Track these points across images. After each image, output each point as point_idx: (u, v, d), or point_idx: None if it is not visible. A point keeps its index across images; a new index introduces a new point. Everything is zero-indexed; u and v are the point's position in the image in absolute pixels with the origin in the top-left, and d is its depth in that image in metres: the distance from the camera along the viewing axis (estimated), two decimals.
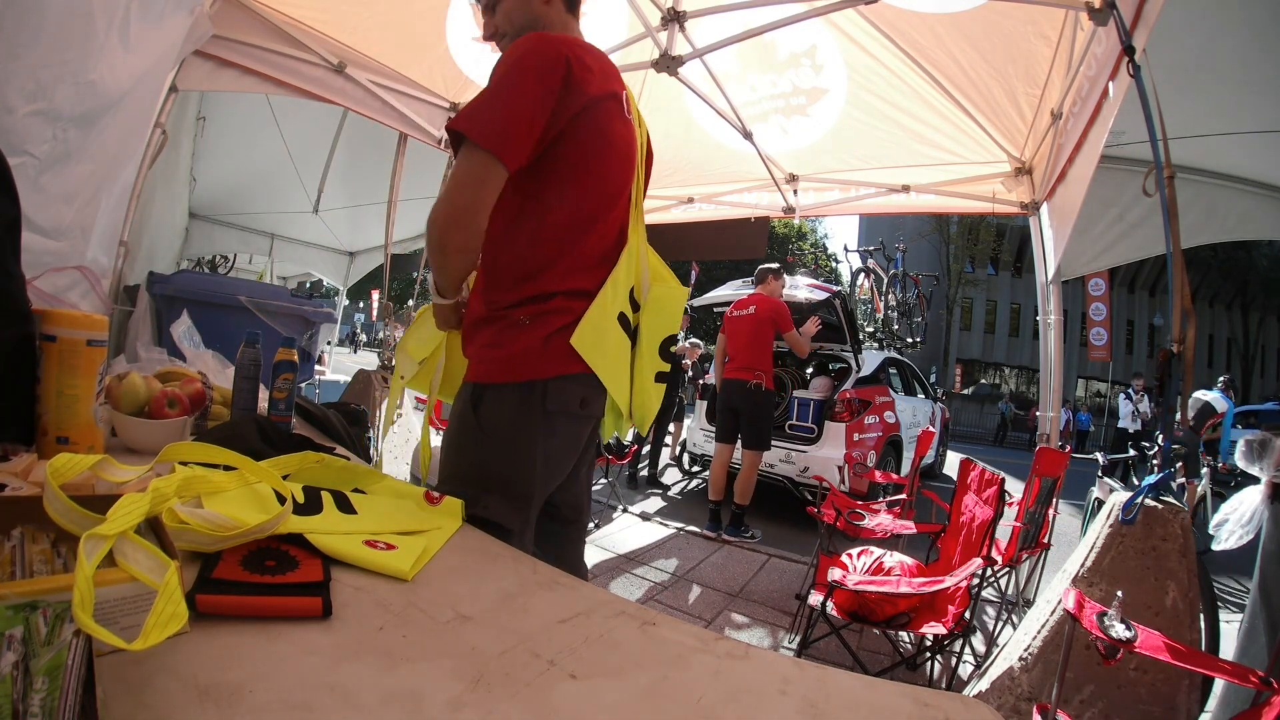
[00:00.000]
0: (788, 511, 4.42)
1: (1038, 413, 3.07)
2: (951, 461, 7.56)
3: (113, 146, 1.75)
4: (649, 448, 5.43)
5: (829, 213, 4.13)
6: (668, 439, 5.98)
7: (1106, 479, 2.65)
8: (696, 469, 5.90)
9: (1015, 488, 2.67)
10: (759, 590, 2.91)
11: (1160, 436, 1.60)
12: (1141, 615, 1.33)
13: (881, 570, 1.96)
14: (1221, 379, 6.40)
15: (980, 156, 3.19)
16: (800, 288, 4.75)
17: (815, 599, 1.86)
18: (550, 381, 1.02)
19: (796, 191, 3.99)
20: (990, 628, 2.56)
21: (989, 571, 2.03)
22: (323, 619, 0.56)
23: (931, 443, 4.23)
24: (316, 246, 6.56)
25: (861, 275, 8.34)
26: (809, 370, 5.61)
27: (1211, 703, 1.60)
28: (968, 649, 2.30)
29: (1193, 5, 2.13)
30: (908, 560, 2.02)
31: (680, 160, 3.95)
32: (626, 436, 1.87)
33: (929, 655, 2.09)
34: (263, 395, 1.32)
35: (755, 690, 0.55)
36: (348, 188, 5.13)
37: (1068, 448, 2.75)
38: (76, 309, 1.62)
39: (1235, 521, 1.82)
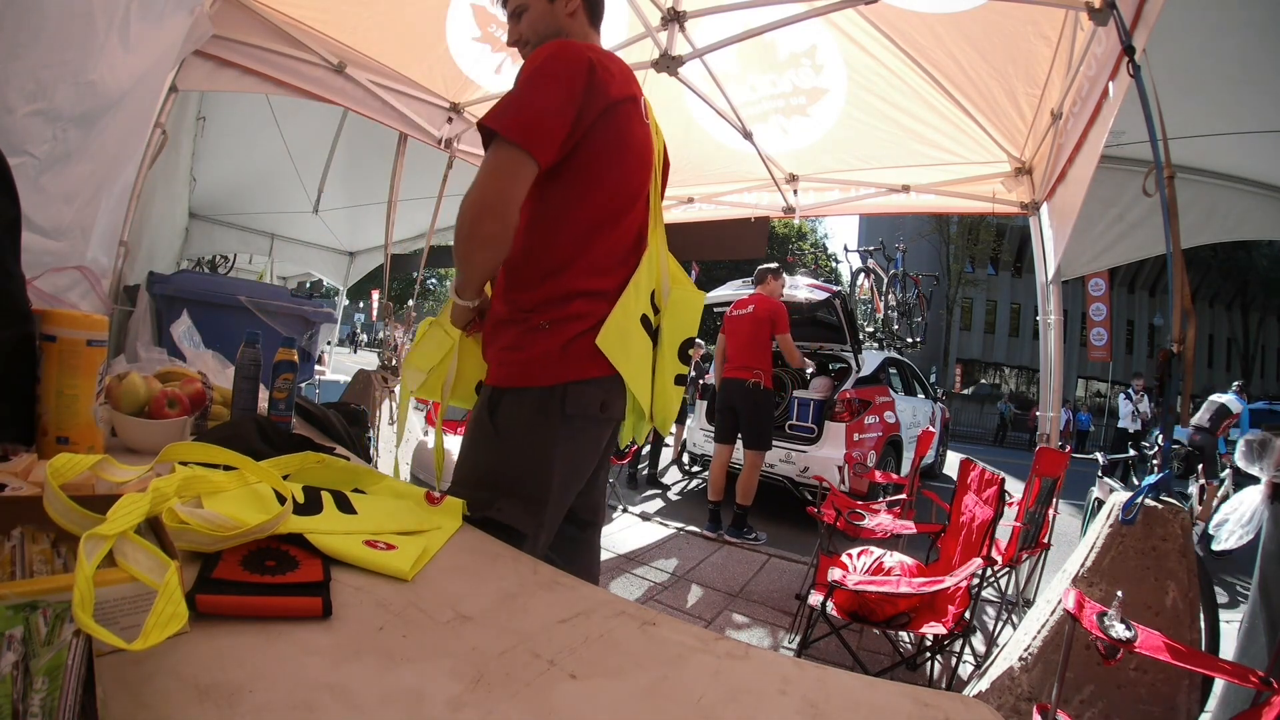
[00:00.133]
0: (788, 511, 4.42)
1: (1038, 413, 3.07)
2: (951, 461, 7.56)
3: (113, 146, 1.75)
4: (649, 448, 5.43)
5: (829, 213, 4.13)
6: (668, 439, 5.97)
7: (1106, 479, 2.65)
8: (696, 469, 5.89)
9: (1015, 488, 2.67)
10: (759, 590, 2.91)
11: (1160, 436, 1.60)
12: (1141, 615, 1.33)
13: (881, 570, 1.96)
14: (1236, 384, 6.81)
15: (980, 156, 3.18)
16: (800, 288, 4.75)
17: (815, 599, 1.86)
18: (570, 385, 1.03)
19: (796, 191, 3.99)
20: (990, 628, 2.56)
21: (989, 571, 2.03)
22: (323, 619, 0.56)
23: (931, 443, 4.23)
24: (316, 246, 6.56)
25: (861, 275, 8.34)
26: (809, 370, 5.60)
27: (1211, 703, 1.60)
28: (968, 649, 2.29)
29: (1193, 5, 2.13)
30: (908, 560, 2.02)
31: (680, 160, 3.94)
32: (645, 439, 1.88)
33: (929, 655, 2.08)
34: (263, 395, 1.32)
35: (755, 690, 0.55)
36: (348, 188, 5.12)
37: (1068, 448, 2.74)
38: (76, 309, 1.61)
39: (1235, 521, 1.83)
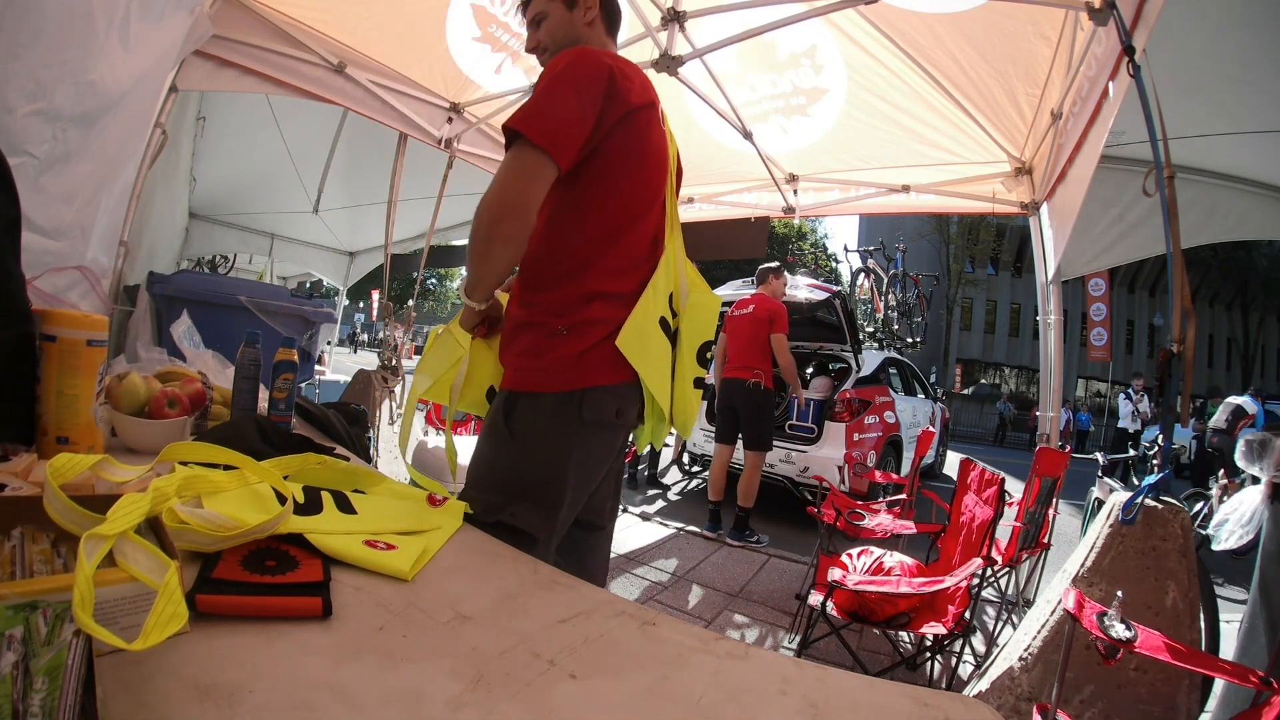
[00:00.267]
0: (788, 511, 4.42)
1: (1038, 413, 3.07)
2: (951, 461, 7.56)
3: (113, 146, 1.75)
4: (649, 448, 5.43)
5: (829, 213, 4.13)
6: (668, 439, 5.96)
7: (1106, 479, 2.65)
8: (696, 469, 5.90)
9: (1015, 488, 2.67)
10: (759, 590, 2.91)
11: (1160, 436, 1.60)
12: (1141, 615, 1.33)
13: (881, 570, 1.96)
14: (1252, 388, 7.45)
15: (980, 156, 3.18)
16: (800, 288, 4.75)
17: (815, 599, 1.86)
18: (587, 391, 1.04)
19: (796, 191, 3.98)
20: (990, 628, 2.56)
21: (989, 571, 2.03)
22: (323, 619, 0.56)
23: (931, 443, 4.23)
24: (316, 246, 6.55)
25: (861, 275, 8.34)
26: (809, 370, 5.61)
27: (1211, 703, 1.60)
28: (968, 649, 2.29)
29: (1193, 5, 2.13)
30: (908, 560, 2.02)
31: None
32: (662, 445, 1.85)
33: (929, 655, 2.08)
34: (263, 395, 1.32)
35: (755, 690, 0.55)
36: (348, 188, 5.12)
37: (1068, 448, 2.74)
38: (76, 309, 1.61)
39: (1235, 521, 1.83)
